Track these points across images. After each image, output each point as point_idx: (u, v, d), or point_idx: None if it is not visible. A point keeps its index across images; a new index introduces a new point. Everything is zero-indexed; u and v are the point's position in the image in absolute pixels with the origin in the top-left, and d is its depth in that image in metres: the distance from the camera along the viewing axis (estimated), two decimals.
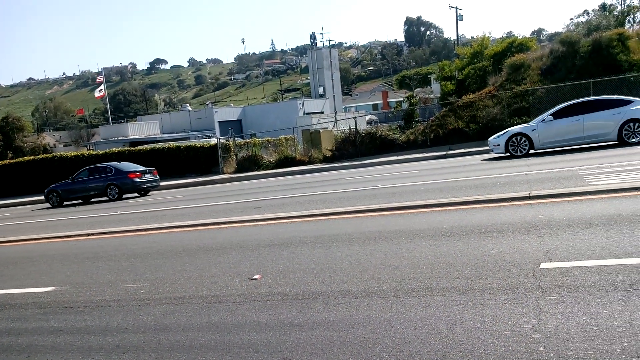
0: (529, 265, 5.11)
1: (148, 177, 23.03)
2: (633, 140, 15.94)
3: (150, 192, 23.83)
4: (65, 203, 23.23)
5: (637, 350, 3.23)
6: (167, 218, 12.92)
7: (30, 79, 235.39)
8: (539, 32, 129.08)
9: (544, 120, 17.37)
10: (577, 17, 55.50)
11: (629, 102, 16.46)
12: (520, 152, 17.35)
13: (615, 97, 17.90)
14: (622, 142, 16.11)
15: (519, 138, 17.46)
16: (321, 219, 9.64)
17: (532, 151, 17.43)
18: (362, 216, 9.32)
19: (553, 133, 17.04)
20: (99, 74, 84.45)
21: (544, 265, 5.05)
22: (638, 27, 31.31)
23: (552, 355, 3.31)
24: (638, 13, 49.41)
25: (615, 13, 45.67)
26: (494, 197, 9.14)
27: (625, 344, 3.32)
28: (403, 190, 12.37)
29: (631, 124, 15.95)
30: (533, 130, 17.33)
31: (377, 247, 6.78)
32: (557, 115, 17.14)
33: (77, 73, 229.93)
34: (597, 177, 10.16)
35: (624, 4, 51.48)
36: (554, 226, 6.56)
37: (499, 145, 17.90)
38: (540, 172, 12.20)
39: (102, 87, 56.03)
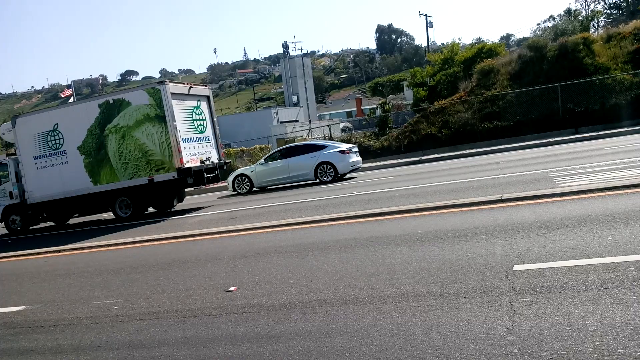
0: (503, 267, 5.17)
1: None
2: (325, 179, 18.40)
3: None
4: None
5: (608, 349, 3.29)
6: (140, 231, 12.74)
7: None
8: (507, 37, 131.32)
9: (260, 163, 19.81)
10: (544, 23, 56.82)
11: (323, 147, 18.94)
12: (244, 189, 19.65)
13: (313, 142, 21.51)
14: (319, 180, 18.54)
15: (242, 178, 19.71)
16: (297, 227, 9.61)
17: (254, 189, 19.76)
18: (338, 224, 9.32)
19: (267, 174, 19.42)
20: (68, 86, 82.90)
21: (517, 267, 5.11)
22: (602, 31, 32.18)
23: (526, 356, 3.34)
24: (602, 18, 50.83)
25: (580, 18, 46.79)
26: (467, 201, 9.24)
27: (597, 343, 3.38)
28: (378, 196, 12.42)
29: (323, 166, 18.43)
30: (252, 171, 19.75)
31: (354, 254, 6.78)
32: (268, 159, 19.63)
33: (46, 86, 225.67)
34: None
35: (588, 9, 52.93)
36: (526, 228, 6.66)
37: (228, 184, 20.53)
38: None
39: (71, 100, 55.06)
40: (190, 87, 16.74)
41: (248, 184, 19.69)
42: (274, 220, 10.74)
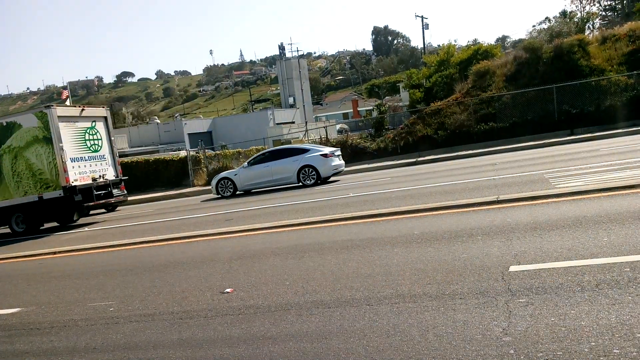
0: (499, 268, 5.18)
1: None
2: (308, 182, 18.55)
3: (118, 207, 23.40)
4: None
5: (604, 349, 3.29)
6: (136, 233, 12.70)
7: None
8: (503, 39, 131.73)
9: (243, 166, 19.96)
10: (539, 24, 57.04)
11: (305, 151, 19.04)
12: (228, 193, 19.76)
13: (296, 146, 21.66)
14: (302, 184, 18.74)
15: (225, 181, 19.89)
16: (293, 229, 9.60)
17: (237, 192, 19.84)
18: (335, 225, 9.32)
19: (250, 177, 19.58)
20: (64, 88, 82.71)
21: (512, 268, 5.12)
22: (597, 33, 32.28)
23: (522, 357, 3.34)
24: (597, 19, 51.03)
25: (576, 20, 46.97)
26: (463, 203, 9.25)
27: (593, 344, 3.38)
28: (375, 198, 12.43)
29: (305, 169, 18.59)
30: (235, 175, 19.88)
31: (350, 255, 6.78)
32: (252, 162, 19.80)
33: (42, 88, 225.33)
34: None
35: (583, 10, 53.13)
36: (522, 229, 6.67)
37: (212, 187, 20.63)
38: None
39: (67, 102, 54.91)
40: (83, 110, 17.83)
41: (231, 187, 19.77)
42: (270, 222, 10.73)
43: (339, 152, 19.92)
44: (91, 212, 21.97)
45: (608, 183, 9.03)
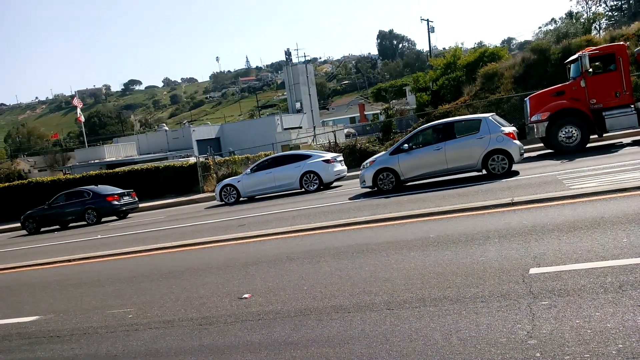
0: (518, 271, 5.15)
1: (127, 199, 22.72)
2: (311, 188, 18.77)
3: (130, 215, 23.52)
4: (42, 229, 22.76)
5: (632, 351, 3.27)
6: (149, 240, 12.74)
7: (1, 104, 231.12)
8: (508, 41, 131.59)
9: (246, 173, 20.43)
10: (545, 26, 56.81)
11: (307, 157, 19.48)
12: (231, 199, 20.03)
13: (298, 152, 21.84)
14: (305, 190, 18.91)
15: (229, 188, 20.10)
16: (307, 234, 9.60)
17: (240, 199, 20.08)
18: (349, 229, 9.31)
19: (253, 184, 19.85)
20: (72, 97, 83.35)
21: (533, 270, 5.09)
22: (605, 33, 32.14)
23: None
24: (603, 20, 50.81)
25: (582, 20, 46.78)
26: (477, 205, 9.21)
27: (620, 346, 3.36)
28: (387, 202, 12.40)
29: (308, 175, 18.83)
30: (238, 181, 20.19)
31: (366, 260, 6.77)
32: (255, 169, 20.17)
33: (50, 97, 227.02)
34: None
35: (589, 11, 52.94)
36: (539, 231, 6.63)
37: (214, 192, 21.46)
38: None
39: (78, 110, 55.15)
40: None
41: (235, 194, 19.97)
42: (283, 227, 10.72)
43: (341, 158, 20.12)
44: (103, 219, 22.20)
45: (623, 183, 8.96)
